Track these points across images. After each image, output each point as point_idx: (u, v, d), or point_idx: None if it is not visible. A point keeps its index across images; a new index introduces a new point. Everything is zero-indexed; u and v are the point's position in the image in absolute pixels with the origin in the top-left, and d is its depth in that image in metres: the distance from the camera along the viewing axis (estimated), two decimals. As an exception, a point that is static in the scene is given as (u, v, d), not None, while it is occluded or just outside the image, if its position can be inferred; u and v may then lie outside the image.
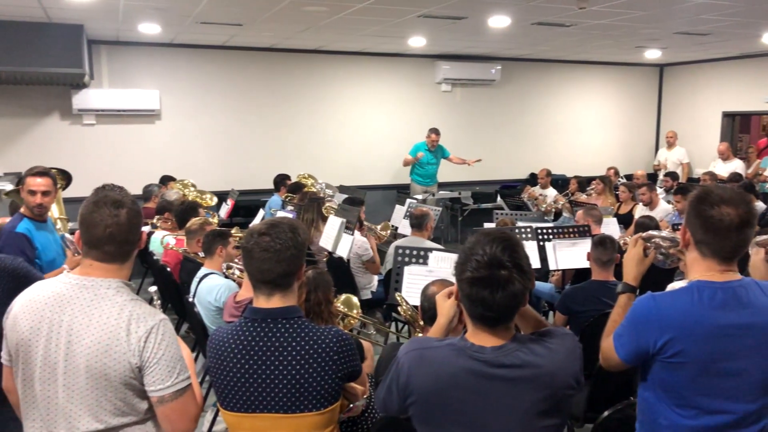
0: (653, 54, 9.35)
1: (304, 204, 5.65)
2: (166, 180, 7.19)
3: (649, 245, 2.19)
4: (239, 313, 3.16)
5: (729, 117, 10.12)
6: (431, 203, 7.70)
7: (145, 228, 5.31)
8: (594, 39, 7.86)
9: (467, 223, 8.89)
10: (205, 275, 3.92)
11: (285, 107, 8.79)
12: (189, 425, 1.84)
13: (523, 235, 4.73)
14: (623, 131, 11.04)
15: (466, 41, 8.05)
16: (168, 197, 6.06)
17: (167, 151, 8.19)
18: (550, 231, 4.81)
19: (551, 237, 4.76)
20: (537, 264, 4.64)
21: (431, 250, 4.02)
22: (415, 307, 2.92)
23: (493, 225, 5.57)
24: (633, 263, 2.17)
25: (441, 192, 8.94)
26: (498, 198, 8.92)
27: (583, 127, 10.75)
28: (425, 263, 3.92)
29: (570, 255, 4.69)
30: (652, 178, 9.32)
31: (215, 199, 6.48)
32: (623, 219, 6.43)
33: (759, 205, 6.11)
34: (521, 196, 7.98)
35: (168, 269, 4.70)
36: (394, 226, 6.25)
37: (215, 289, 3.76)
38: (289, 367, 1.97)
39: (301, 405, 1.98)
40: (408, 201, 6.67)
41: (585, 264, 4.05)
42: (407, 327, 4.22)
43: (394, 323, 4.98)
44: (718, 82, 10.09)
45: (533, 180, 9.47)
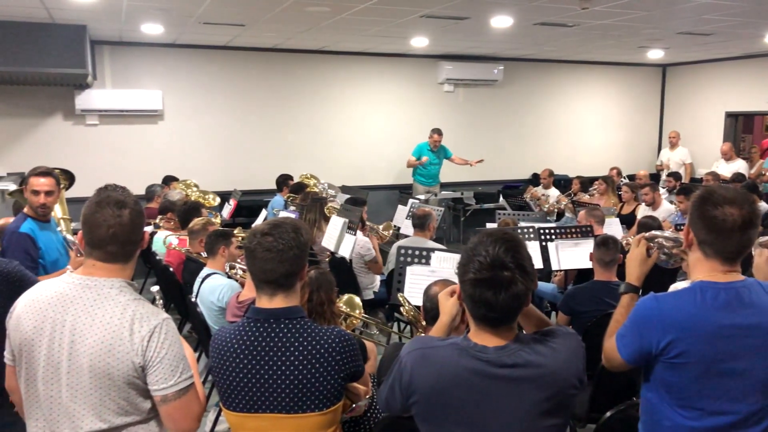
0: (656, 54, 9.34)
1: (306, 204, 5.65)
2: (168, 180, 7.19)
3: (652, 245, 2.18)
4: (242, 313, 3.16)
5: (732, 117, 10.09)
6: (434, 203, 7.70)
7: (148, 228, 5.32)
8: (596, 39, 7.86)
9: (469, 224, 8.90)
10: (208, 275, 3.92)
11: (287, 107, 8.79)
12: (192, 424, 1.85)
13: (526, 236, 4.73)
14: (626, 131, 11.02)
15: (468, 41, 8.04)
16: (171, 197, 6.06)
17: (170, 152, 8.20)
18: (552, 231, 4.80)
19: (554, 237, 4.76)
20: (539, 264, 4.63)
21: (433, 250, 4.02)
22: (418, 308, 2.92)
23: (495, 225, 5.58)
24: (636, 263, 2.16)
25: (443, 192, 8.94)
26: (500, 198, 8.92)
27: (586, 128, 10.73)
28: (428, 263, 3.92)
29: (572, 255, 4.68)
30: (654, 178, 9.30)
31: (218, 200, 6.48)
32: (626, 219, 6.42)
33: (762, 206, 6.09)
34: (524, 196, 7.97)
35: (171, 269, 4.71)
36: (396, 226, 6.25)
37: (218, 289, 3.77)
38: (292, 368, 1.97)
39: (304, 405, 1.98)
40: (410, 201, 6.66)
41: (587, 264, 4.04)
42: (410, 327, 4.22)
43: (396, 323, 4.98)
44: (720, 82, 10.07)
45: (536, 180, 9.45)
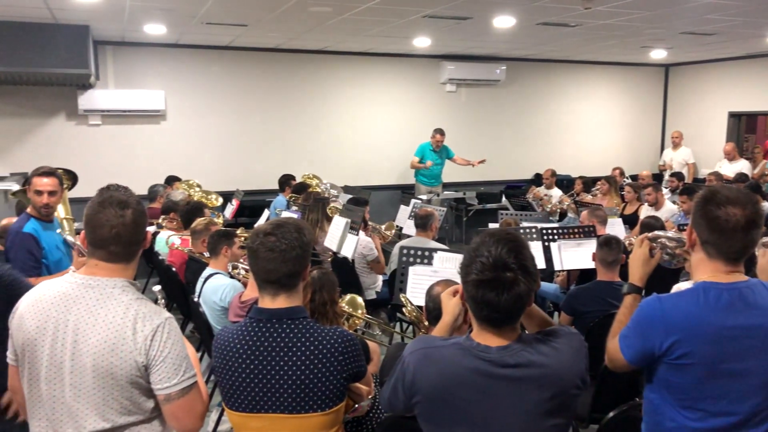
0: (659, 54, 9.32)
1: (308, 204, 5.65)
2: (171, 180, 7.20)
3: (655, 245, 2.18)
4: (244, 313, 3.16)
5: (735, 117, 10.07)
6: (436, 203, 7.70)
7: (151, 228, 5.33)
8: (599, 39, 7.85)
9: (472, 224, 8.88)
10: (211, 275, 3.93)
11: (289, 107, 8.79)
12: (196, 423, 1.85)
13: (528, 236, 4.73)
14: (628, 131, 11.01)
15: (470, 41, 8.04)
16: (173, 197, 6.07)
17: (172, 152, 8.21)
18: (555, 231, 4.80)
19: (556, 237, 4.75)
20: (542, 264, 4.63)
21: (436, 250, 4.02)
22: (420, 308, 2.91)
23: (497, 225, 5.57)
24: (639, 264, 2.16)
25: (446, 192, 8.93)
26: (503, 198, 8.91)
27: (588, 128, 10.72)
28: (430, 263, 3.92)
29: (575, 255, 4.68)
30: (657, 178, 9.29)
31: (220, 200, 6.49)
32: (628, 219, 6.41)
33: (765, 206, 6.05)
34: (526, 196, 7.97)
35: (173, 269, 4.71)
36: (398, 226, 6.25)
37: (220, 289, 3.77)
38: (294, 368, 1.97)
39: (306, 405, 1.98)
40: (413, 201, 6.67)
41: (590, 264, 4.04)
42: (412, 327, 4.22)
43: (398, 323, 4.98)
44: (724, 82, 10.05)
45: (538, 180, 9.45)
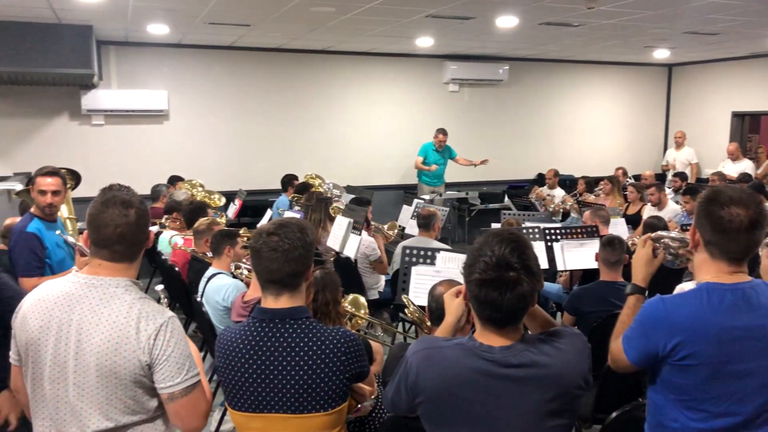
0: (662, 54, 9.31)
1: (311, 204, 5.65)
2: (174, 180, 7.22)
3: (658, 246, 2.17)
4: (247, 313, 3.17)
5: (738, 117, 10.05)
6: (438, 203, 7.69)
7: (154, 228, 5.33)
8: (602, 39, 7.84)
9: (474, 224, 8.88)
10: (213, 275, 3.93)
11: (292, 107, 8.80)
12: (199, 421, 1.86)
13: (531, 236, 4.72)
14: (631, 131, 10.99)
15: (473, 41, 8.04)
16: (176, 197, 6.08)
17: (175, 152, 8.22)
18: (557, 231, 4.79)
19: (559, 237, 4.74)
20: (545, 265, 4.62)
21: (439, 250, 4.02)
22: (422, 308, 2.91)
23: (499, 225, 5.57)
24: (642, 264, 2.15)
25: (448, 192, 8.93)
26: (505, 198, 8.90)
27: (591, 128, 10.70)
28: (433, 263, 3.92)
29: (578, 256, 4.67)
30: (660, 178, 9.28)
31: (223, 200, 6.50)
32: (631, 219, 6.40)
33: (769, 206, 6.06)
34: (529, 196, 7.97)
35: (176, 269, 4.72)
36: (401, 226, 6.25)
37: (223, 289, 3.78)
38: (297, 368, 1.97)
39: (309, 405, 1.98)
40: (415, 201, 6.66)
41: (593, 265, 4.03)
42: (414, 327, 4.22)
43: (401, 323, 4.98)
44: (727, 81, 10.03)
45: (541, 180, 9.43)
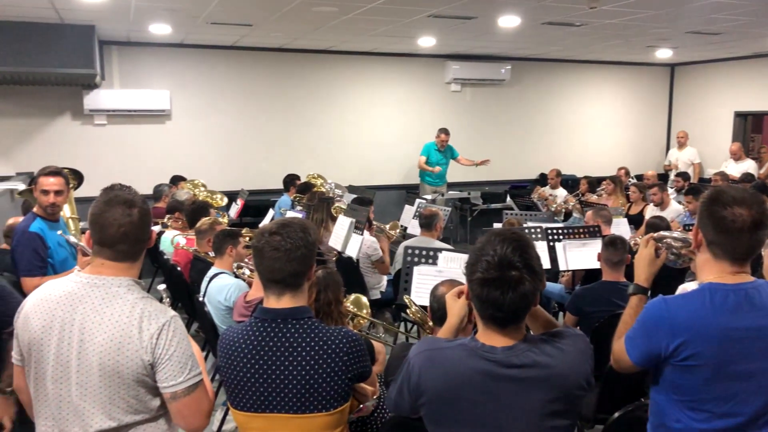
0: (664, 54, 9.29)
1: (313, 204, 5.65)
2: (176, 180, 7.22)
3: (661, 246, 2.16)
4: (249, 313, 3.17)
5: (741, 117, 10.03)
6: (440, 203, 7.69)
7: (156, 228, 5.34)
8: (604, 39, 7.83)
9: (477, 224, 8.88)
10: (216, 275, 3.93)
11: (294, 107, 8.80)
12: (202, 420, 1.86)
13: (533, 236, 4.72)
14: (634, 131, 10.98)
15: (475, 41, 8.03)
16: (179, 197, 6.09)
17: (177, 151, 8.22)
18: (560, 231, 4.79)
19: (561, 237, 4.74)
20: (547, 264, 4.62)
21: (441, 250, 4.02)
22: (424, 308, 2.91)
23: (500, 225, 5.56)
24: (644, 264, 2.15)
25: (450, 192, 8.93)
26: (508, 198, 8.90)
27: (594, 127, 10.69)
28: (435, 263, 3.92)
29: (580, 255, 4.67)
30: (663, 178, 9.26)
31: (225, 199, 6.50)
32: (634, 219, 6.39)
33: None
34: (531, 196, 7.97)
35: (178, 269, 4.72)
36: (403, 226, 6.25)
37: (225, 289, 3.78)
38: (299, 368, 1.97)
39: (311, 405, 1.98)
40: (417, 201, 6.66)
41: (595, 265, 4.03)
42: (416, 327, 4.22)
43: (403, 323, 4.98)
44: (730, 81, 10.01)
45: (543, 180, 9.43)
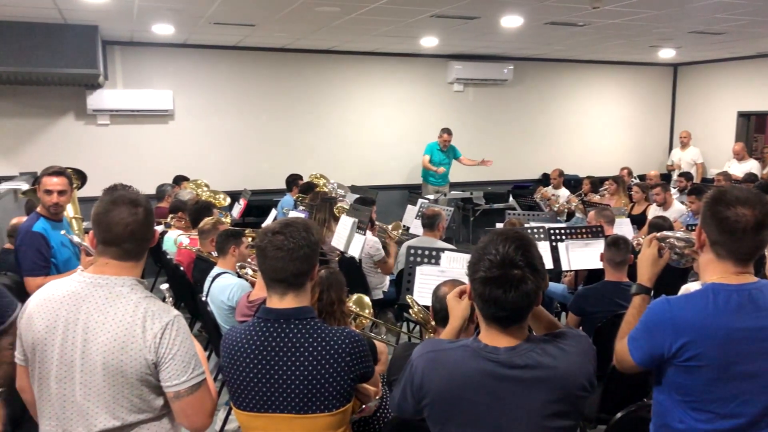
0: (667, 53, 9.28)
1: (316, 204, 5.66)
2: (179, 180, 7.23)
3: (664, 245, 2.16)
4: (252, 313, 3.17)
5: (744, 117, 10.01)
6: (443, 203, 7.69)
7: (159, 227, 5.35)
8: (607, 39, 7.82)
9: (479, 224, 8.88)
10: (218, 274, 3.94)
11: (297, 107, 8.80)
12: (205, 420, 1.86)
13: (536, 236, 4.71)
14: (636, 131, 10.96)
15: (478, 41, 8.03)
16: (181, 197, 6.10)
17: (180, 151, 8.23)
18: (562, 231, 4.78)
19: (564, 237, 4.74)
20: (550, 265, 4.62)
21: (443, 250, 4.02)
22: (427, 308, 2.91)
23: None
24: (647, 264, 2.14)
25: (453, 192, 8.93)
26: (510, 198, 8.90)
27: (596, 127, 10.68)
28: (437, 263, 3.92)
29: (583, 256, 4.67)
30: (665, 178, 9.25)
31: (228, 199, 6.50)
32: (636, 219, 6.39)
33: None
34: (534, 196, 7.96)
35: (181, 268, 4.73)
36: (405, 226, 6.25)
37: (228, 289, 3.78)
38: (302, 368, 1.97)
39: (314, 406, 1.98)
40: (420, 201, 6.66)
41: (598, 265, 4.03)
42: (419, 327, 4.22)
43: (405, 323, 4.98)
44: (733, 81, 9.99)
45: (546, 180, 9.43)
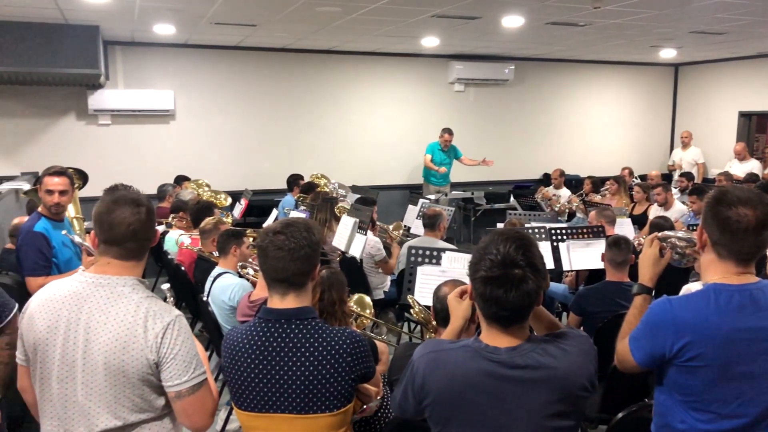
0: (668, 53, 9.27)
1: (317, 204, 5.66)
2: (180, 180, 7.24)
3: (665, 245, 2.16)
4: (253, 313, 3.17)
5: (745, 117, 10.01)
6: (444, 203, 7.69)
7: (160, 227, 5.36)
8: (608, 39, 7.81)
9: (480, 224, 8.88)
10: (220, 274, 3.94)
11: (298, 107, 8.81)
12: (206, 419, 1.87)
13: (537, 236, 4.71)
14: (638, 131, 10.95)
15: (479, 41, 8.02)
16: (183, 197, 6.11)
17: (181, 151, 8.24)
18: (563, 231, 4.78)
19: (565, 237, 4.74)
20: (551, 265, 4.61)
21: (444, 250, 4.01)
22: (428, 308, 2.91)
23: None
24: (649, 264, 2.14)
25: (454, 192, 8.92)
26: (511, 198, 8.90)
27: (597, 127, 10.67)
28: (438, 263, 3.91)
29: (584, 256, 4.66)
30: (666, 178, 9.25)
31: (229, 199, 6.51)
32: (637, 220, 6.38)
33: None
34: (535, 196, 7.96)
35: (182, 268, 4.73)
36: (406, 226, 6.25)
37: (229, 289, 3.79)
38: (303, 368, 1.97)
39: (315, 406, 1.98)
40: (421, 201, 6.66)
41: (599, 265, 4.03)
42: (419, 327, 4.22)
43: (406, 323, 4.98)
44: (734, 81, 9.98)
45: (547, 180, 9.42)
